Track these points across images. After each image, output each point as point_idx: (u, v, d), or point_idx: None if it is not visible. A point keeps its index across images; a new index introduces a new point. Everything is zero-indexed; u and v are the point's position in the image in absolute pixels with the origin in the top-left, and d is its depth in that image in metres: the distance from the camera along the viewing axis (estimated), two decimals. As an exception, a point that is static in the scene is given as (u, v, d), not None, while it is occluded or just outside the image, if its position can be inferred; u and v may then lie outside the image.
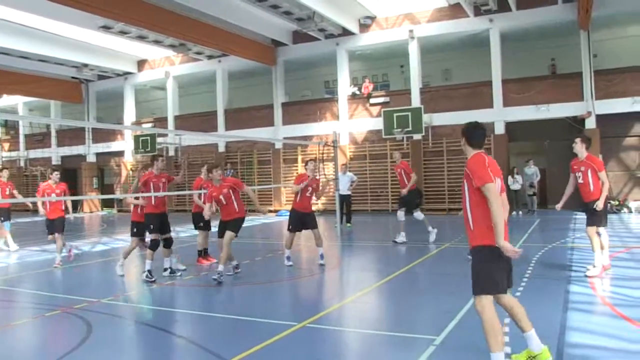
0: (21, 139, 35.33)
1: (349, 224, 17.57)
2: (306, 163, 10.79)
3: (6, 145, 36.44)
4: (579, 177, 8.36)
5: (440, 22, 21.75)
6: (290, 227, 10.38)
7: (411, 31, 22.16)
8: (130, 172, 29.86)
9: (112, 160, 31.37)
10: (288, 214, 10.91)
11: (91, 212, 30.84)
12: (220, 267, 8.76)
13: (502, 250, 4.20)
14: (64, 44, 24.70)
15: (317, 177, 10.84)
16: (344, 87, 24.02)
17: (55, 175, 11.91)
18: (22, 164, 35.00)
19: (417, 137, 21.93)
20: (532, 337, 4.48)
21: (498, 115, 20.97)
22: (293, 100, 26.30)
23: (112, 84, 30.92)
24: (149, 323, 6.83)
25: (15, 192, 14.64)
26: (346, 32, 23.17)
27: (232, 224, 9.06)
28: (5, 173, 14.38)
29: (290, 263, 10.32)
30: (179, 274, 9.78)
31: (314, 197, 10.54)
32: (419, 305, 7.36)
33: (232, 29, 21.98)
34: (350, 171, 19.38)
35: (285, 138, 23.99)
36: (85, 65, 27.72)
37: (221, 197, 9.04)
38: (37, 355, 5.71)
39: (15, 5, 18.91)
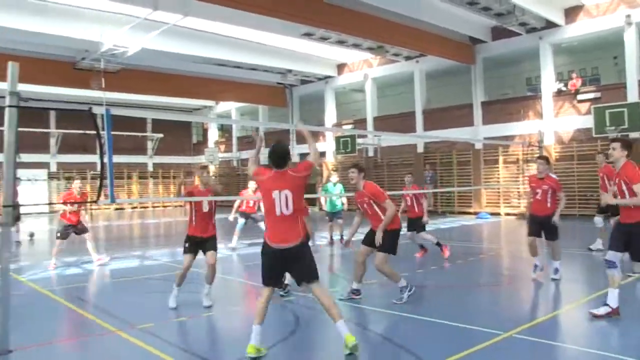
0: (234, 141, 39.11)
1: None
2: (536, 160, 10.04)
3: (222, 147, 40.25)
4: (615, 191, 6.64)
5: (665, 2, 19.35)
6: (527, 230, 9.33)
7: (628, 16, 19.86)
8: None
9: (313, 161, 32.86)
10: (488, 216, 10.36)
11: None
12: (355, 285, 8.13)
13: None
14: (270, 53, 26.50)
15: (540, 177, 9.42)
16: (548, 84, 22.51)
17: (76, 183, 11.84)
18: (235, 164, 38.36)
19: (634, 135, 19.67)
20: (341, 327, 5.34)
21: None
22: (493, 98, 25.39)
23: (313, 88, 32.54)
24: (351, 320, 7.03)
25: None
26: (550, 25, 21.63)
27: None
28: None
29: (534, 276, 9.16)
30: None
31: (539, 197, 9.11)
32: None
33: (429, 29, 21.79)
34: (553, 173, 18.18)
35: (485, 138, 23.17)
36: (290, 71, 29.52)
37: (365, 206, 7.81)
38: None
39: (229, 21, 20.65)
